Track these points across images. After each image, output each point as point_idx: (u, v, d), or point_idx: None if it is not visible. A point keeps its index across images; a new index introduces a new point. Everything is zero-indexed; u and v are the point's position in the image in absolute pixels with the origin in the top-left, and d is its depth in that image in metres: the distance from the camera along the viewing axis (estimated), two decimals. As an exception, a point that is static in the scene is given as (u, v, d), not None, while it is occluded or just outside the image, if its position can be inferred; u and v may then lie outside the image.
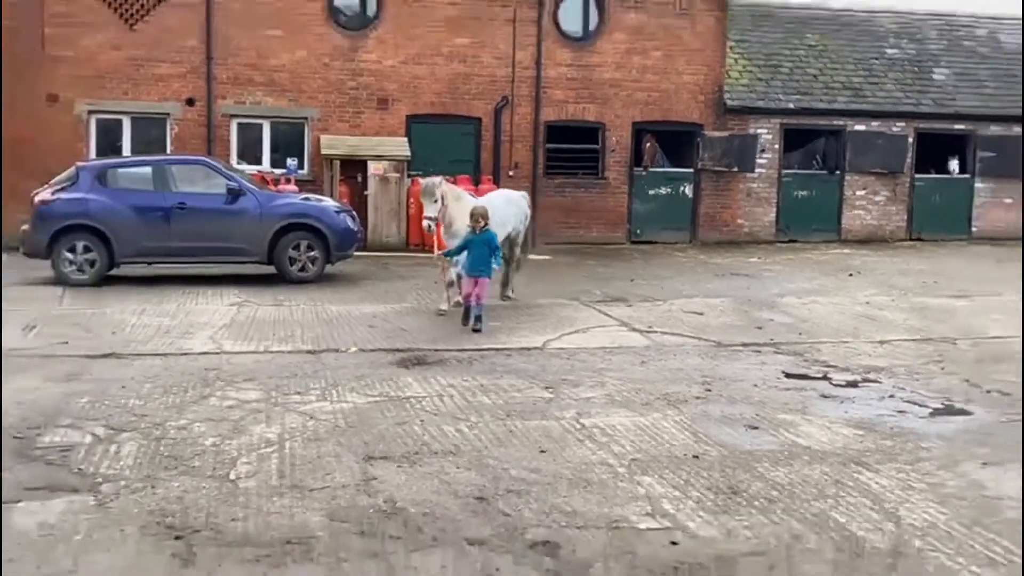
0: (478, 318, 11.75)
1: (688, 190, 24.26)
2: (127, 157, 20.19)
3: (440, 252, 13.00)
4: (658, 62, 23.75)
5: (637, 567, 5.12)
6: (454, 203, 12.93)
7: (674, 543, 5.44)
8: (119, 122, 21.75)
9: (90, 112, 21.55)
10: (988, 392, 9.08)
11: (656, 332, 11.99)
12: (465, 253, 12.21)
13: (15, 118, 21.23)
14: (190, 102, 21.80)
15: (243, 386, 8.95)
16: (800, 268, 18.94)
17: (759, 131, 24.46)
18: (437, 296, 13.75)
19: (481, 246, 11.84)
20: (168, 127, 21.84)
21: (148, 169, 16.61)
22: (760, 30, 26.30)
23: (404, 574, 5.01)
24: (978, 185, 25.95)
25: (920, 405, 8.61)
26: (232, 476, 6.46)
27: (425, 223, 12.95)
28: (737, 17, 25.49)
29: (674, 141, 24.35)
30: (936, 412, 8.41)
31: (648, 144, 24.13)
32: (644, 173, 23.99)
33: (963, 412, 8.41)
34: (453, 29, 22.67)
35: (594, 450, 7.13)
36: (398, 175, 21.11)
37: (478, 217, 11.95)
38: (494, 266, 12.03)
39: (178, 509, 5.84)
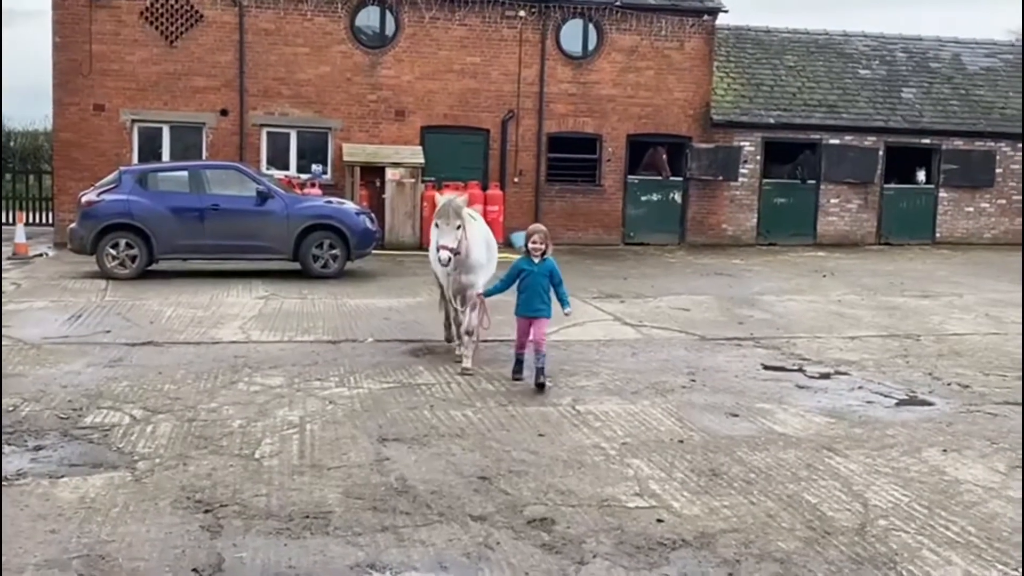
0: (541, 371, 8.37)
1: (677, 196, 24.21)
2: (166, 162, 20.24)
3: (478, 294, 9.09)
4: (651, 80, 23.70)
5: (625, 542, 5.10)
6: (471, 227, 9.36)
7: (660, 520, 5.42)
8: (159, 130, 21.78)
9: (133, 121, 21.57)
10: (948, 384, 9.04)
11: (646, 326, 11.95)
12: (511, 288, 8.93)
13: (66, 125, 21.32)
14: (224, 112, 21.81)
15: (268, 373, 8.94)
16: (778, 269, 18.89)
17: (742, 143, 24.40)
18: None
19: (541, 278, 8.61)
20: (204, 135, 21.85)
21: (185, 173, 16.64)
22: (744, 52, 26.24)
23: (413, 546, 4.99)
24: (941, 195, 25.87)
25: (886, 396, 8.58)
26: (257, 455, 6.45)
27: (442, 255, 8.88)
28: (723, 40, 25.45)
29: (666, 150, 24.29)
30: (901, 402, 8.37)
31: (663, 155, 24.05)
32: (661, 178, 23.99)
33: (926, 403, 8.37)
34: (464, 48, 22.66)
35: (588, 434, 7.10)
36: (413, 180, 21.09)
37: (538, 237, 8.64)
38: (566, 310, 8.88)
39: (207, 485, 5.83)
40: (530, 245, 8.65)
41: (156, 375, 8.73)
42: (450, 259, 8.85)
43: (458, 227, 8.90)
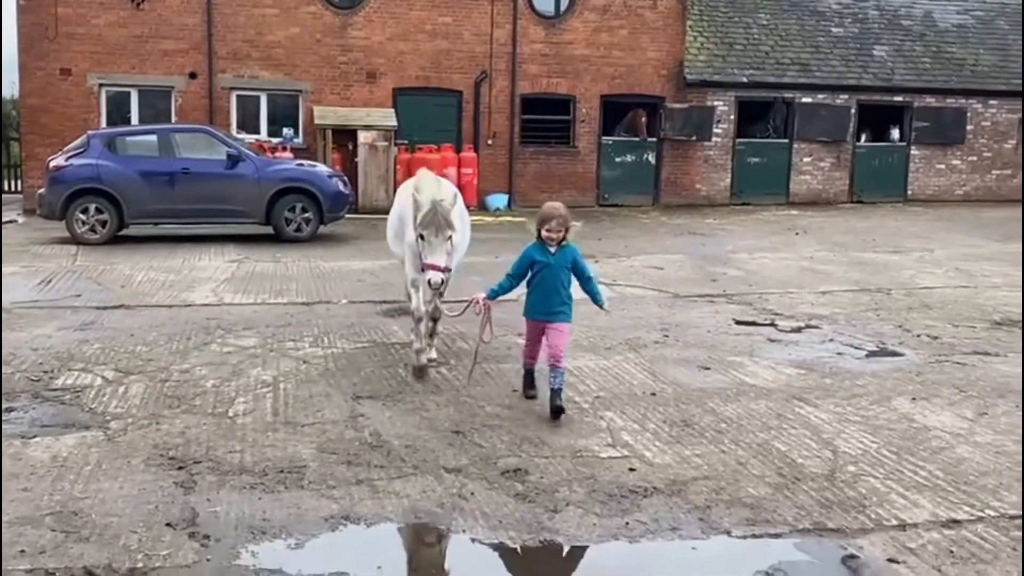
0: (558, 393, 6.39)
1: (651, 157, 24.21)
2: (135, 126, 19.99)
3: (477, 299, 6.62)
4: (624, 39, 23.60)
5: (598, 491, 5.15)
6: (457, 221, 7.25)
7: (632, 469, 5.48)
8: (127, 94, 21.52)
9: (101, 85, 21.28)
10: (918, 336, 9.13)
11: (620, 285, 11.98)
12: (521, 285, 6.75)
13: (32, 91, 21.01)
14: (192, 76, 21.56)
15: (242, 334, 8.91)
16: (752, 228, 18.97)
17: (716, 103, 24.39)
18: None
19: (560, 272, 6.53)
20: (173, 99, 21.60)
21: (154, 137, 16.47)
22: (717, 10, 26.13)
23: (387, 498, 5.02)
24: (913, 152, 26.01)
25: (857, 348, 8.66)
26: (231, 414, 6.45)
27: (433, 278, 6.87)
28: (696, -2, 25.35)
29: (645, 112, 24.25)
30: (871, 354, 8.46)
31: (643, 117, 23.99)
32: (638, 139, 23.95)
33: (895, 354, 8.46)
34: (436, 8, 22.47)
35: (561, 389, 7.13)
36: (386, 143, 20.96)
37: (556, 223, 6.50)
38: (604, 308, 6.84)
39: (181, 443, 5.83)
40: (544, 232, 6.49)
41: (128, 338, 8.69)
42: (443, 281, 6.96)
43: (448, 237, 6.95)
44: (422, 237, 6.94)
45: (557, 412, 6.36)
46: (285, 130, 21.57)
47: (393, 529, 4.73)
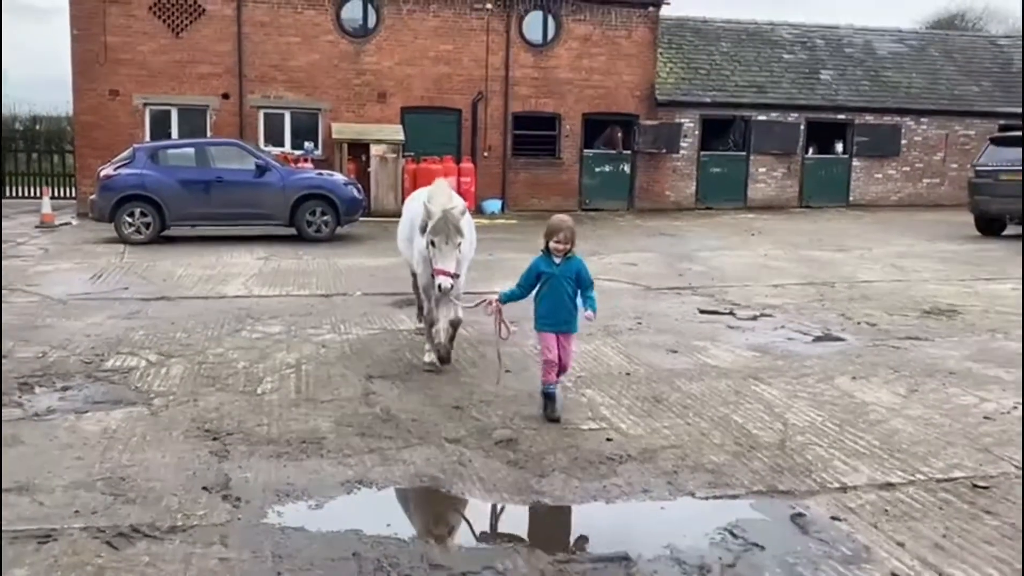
0: (550, 396, 5.92)
1: (627, 167, 24.21)
2: (175, 140, 19.92)
3: (490, 300, 6.24)
4: (602, 65, 23.59)
5: (580, 458, 5.15)
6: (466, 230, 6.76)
7: (609, 440, 5.47)
8: (168, 112, 21.46)
9: (145, 104, 21.23)
10: (858, 323, 9.12)
11: (599, 279, 11.78)
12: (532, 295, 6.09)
13: (85, 109, 20.93)
14: (225, 96, 21.51)
15: (269, 322, 8.89)
16: (714, 229, 18.97)
17: (683, 120, 24.40)
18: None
19: (565, 283, 5.93)
20: (208, 116, 21.55)
21: (191, 150, 16.44)
22: (684, 39, 26.13)
23: (395, 465, 5.01)
24: (855, 163, 26.05)
25: (805, 333, 8.66)
26: (259, 392, 6.43)
27: (443, 282, 6.36)
28: (666, 29, 25.32)
29: (619, 129, 24.22)
30: (817, 339, 8.45)
31: (618, 133, 23.99)
32: (615, 152, 23.93)
33: (838, 339, 8.45)
34: (438, 37, 22.44)
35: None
36: (395, 155, 20.93)
37: (563, 235, 5.89)
38: (587, 312, 5.93)
39: (215, 417, 5.81)
40: (552, 244, 5.89)
41: (169, 325, 8.66)
42: (452, 286, 6.47)
43: (458, 244, 6.48)
44: (432, 243, 6.42)
45: (554, 419, 5.78)
46: (306, 143, 21.53)
47: (401, 492, 4.73)
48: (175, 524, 4.22)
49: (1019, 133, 19.76)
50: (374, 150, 20.78)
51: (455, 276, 6.46)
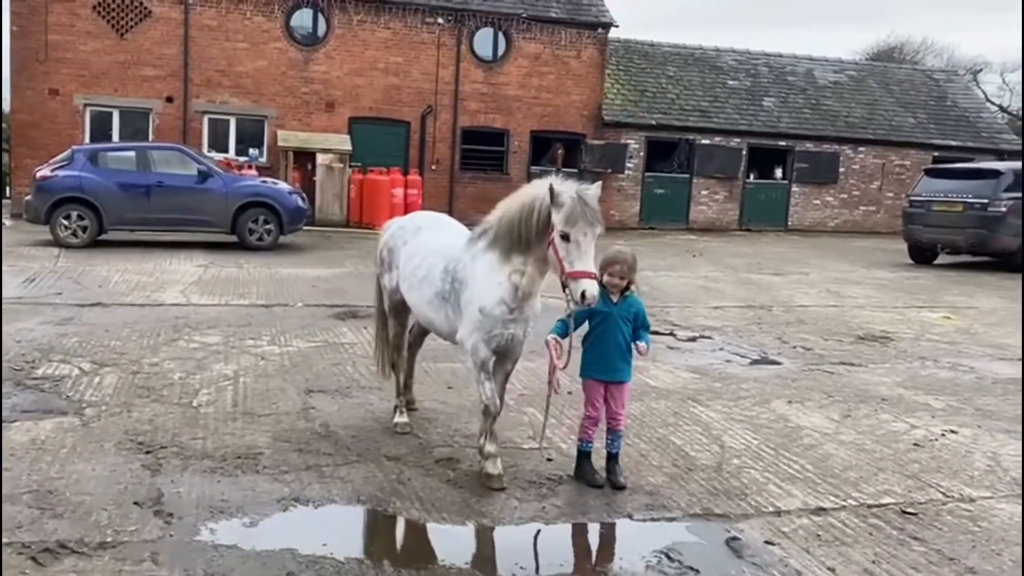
0: (615, 458, 5.13)
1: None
2: (115, 143, 19.54)
3: (556, 341, 5.00)
4: (551, 83, 23.78)
5: (520, 477, 5.14)
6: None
7: (550, 459, 5.47)
8: (110, 114, 21.06)
9: (85, 105, 20.80)
10: (794, 347, 9.29)
11: (544, 296, 11.95)
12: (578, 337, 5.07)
13: (22, 108, 20.41)
14: (169, 100, 21.18)
15: (207, 332, 8.73)
16: (657, 249, 19.16)
17: (629, 141, 24.68)
18: (369, 266, 10.38)
19: (623, 324, 5.11)
20: (151, 120, 21.19)
21: (132, 153, 16.11)
22: (631, 62, 26.49)
23: (333, 482, 4.94)
24: (794, 189, 26.61)
25: (742, 356, 8.78)
26: (195, 404, 6.30)
27: (592, 288, 4.64)
28: (614, 51, 25.65)
29: (563, 147, 24.39)
30: (754, 362, 8.58)
31: (559, 151, 24.14)
32: (554, 172, 24.04)
33: (775, 362, 8.59)
34: (388, 49, 22.40)
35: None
36: (341, 165, 20.79)
37: (620, 268, 5.11)
38: (641, 344, 5.13)
39: (149, 429, 5.68)
40: (606, 278, 5.04)
41: (103, 333, 8.45)
42: (603, 293, 4.90)
43: (598, 236, 4.78)
44: (567, 237, 4.69)
45: (619, 487, 4.98)
46: (251, 150, 21.31)
47: (338, 510, 4.66)
48: (104, 540, 4.11)
49: (952, 166, 20.42)
50: (320, 159, 20.61)
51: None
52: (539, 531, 4.51)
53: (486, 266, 4.96)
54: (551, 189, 4.75)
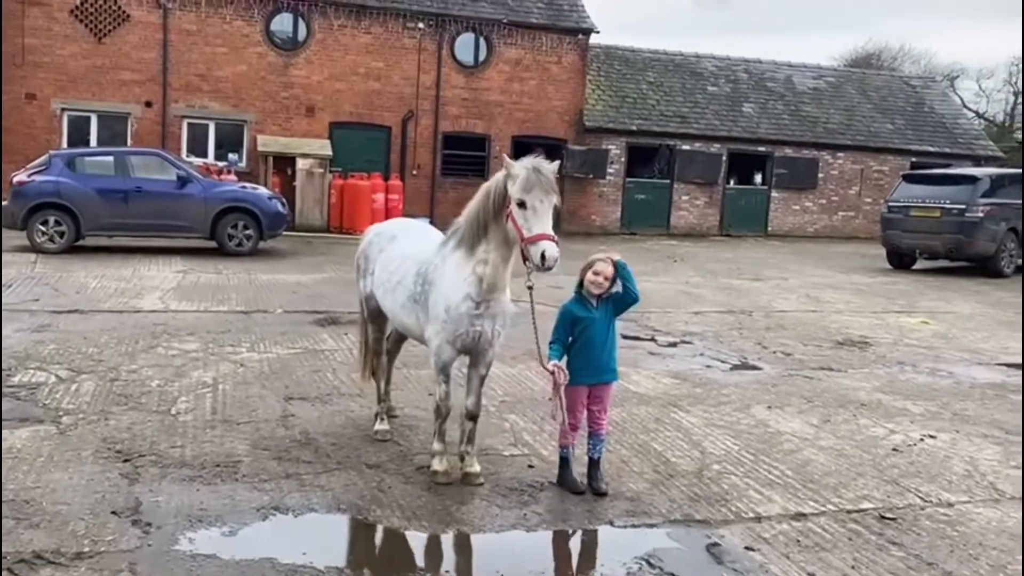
0: (596, 463, 5.11)
1: (558, 194, 24.36)
2: (93, 148, 19.39)
3: (558, 366, 4.91)
4: (533, 89, 23.81)
5: (501, 484, 5.14)
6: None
7: (531, 466, 5.47)
8: (88, 119, 20.88)
9: (63, 109, 20.62)
10: (774, 352, 9.34)
11: (524, 302, 11.96)
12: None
13: (-2, 112, 20.25)
14: (148, 104, 21.03)
15: (185, 338, 8.67)
16: (638, 255, 19.18)
17: (610, 147, 24.75)
18: (349, 272, 11.24)
19: (604, 328, 5.13)
20: (129, 124, 21.03)
21: (110, 158, 16.00)
22: (612, 68, 26.56)
23: (313, 491, 4.92)
24: (773, 194, 26.76)
25: (723, 361, 8.82)
26: (173, 411, 6.26)
27: (551, 249, 4.84)
28: (594, 57, 25.71)
29: (544, 152, 24.42)
30: (734, 367, 8.62)
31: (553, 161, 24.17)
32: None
33: (755, 367, 8.63)
34: (369, 54, 22.36)
35: (471, 393, 7.08)
36: (321, 170, 20.72)
37: (603, 266, 5.17)
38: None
39: (127, 437, 5.63)
40: (591, 276, 5.10)
41: (81, 340, 8.37)
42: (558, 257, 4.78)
43: (554, 204, 4.93)
44: (523, 204, 4.77)
45: (601, 494, 4.97)
46: (230, 155, 21.18)
47: (318, 519, 4.64)
48: (81, 550, 4.07)
49: (929, 172, 20.61)
50: (300, 164, 20.54)
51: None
52: (519, 538, 4.50)
53: (453, 264, 5.04)
54: (505, 167, 4.91)
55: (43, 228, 14.93)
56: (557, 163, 4.98)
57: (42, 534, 4.21)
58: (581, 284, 5.12)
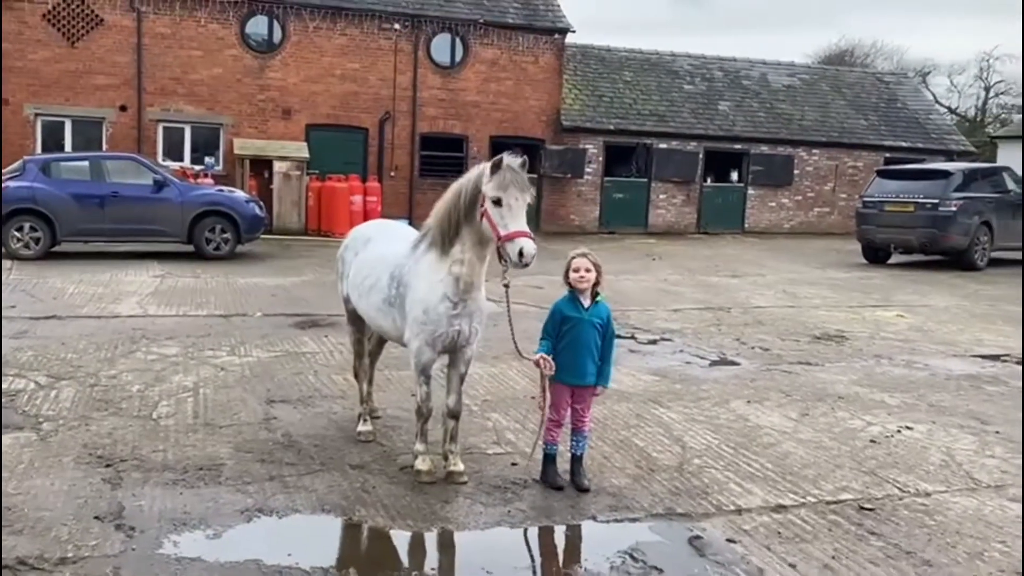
0: (579, 460, 5.20)
1: (533, 191, 24.38)
2: (68, 153, 19.22)
3: (546, 359, 5.12)
4: (510, 89, 23.84)
5: (484, 483, 5.17)
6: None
7: (514, 464, 5.50)
8: (62, 124, 20.70)
9: (36, 115, 20.44)
10: (752, 348, 9.41)
11: (499, 300, 11.98)
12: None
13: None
14: (123, 108, 20.89)
15: (165, 343, 8.63)
16: (616, 253, 19.27)
17: (587, 146, 24.81)
18: (329, 274, 10.89)
19: (592, 330, 5.17)
20: (104, 129, 20.87)
21: (86, 163, 15.89)
22: (588, 67, 26.64)
23: (297, 492, 4.93)
24: (750, 192, 26.93)
25: (702, 358, 8.89)
26: (154, 416, 6.24)
27: (529, 245, 4.96)
28: (571, 56, 25.78)
29: (521, 151, 24.46)
30: (714, 363, 8.68)
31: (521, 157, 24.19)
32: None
33: (733, 363, 8.70)
34: (345, 55, 22.31)
35: (453, 393, 7.10)
36: (299, 173, 20.64)
37: (585, 262, 5.25)
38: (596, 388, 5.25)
39: (108, 443, 5.61)
40: (572, 274, 5.20)
41: (59, 346, 8.32)
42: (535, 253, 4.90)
43: (528, 202, 5.04)
44: (498, 202, 4.88)
45: (583, 490, 5.04)
46: (207, 159, 21.07)
47: (303, 520, 4.65)
48: (65, 556, 4.06)
49: (903, 167, 20.82)
50: (277, 167, 20.46)
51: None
52: (504, 535, 4.53)
53: (427, 266, 5.09)
54: (479, 167, 5.08)
55: (18, 234, 14.80)
56: (525, 157, 5.10)
57: (25, 540, 4.19)
58: (571, 286, 5.25)
